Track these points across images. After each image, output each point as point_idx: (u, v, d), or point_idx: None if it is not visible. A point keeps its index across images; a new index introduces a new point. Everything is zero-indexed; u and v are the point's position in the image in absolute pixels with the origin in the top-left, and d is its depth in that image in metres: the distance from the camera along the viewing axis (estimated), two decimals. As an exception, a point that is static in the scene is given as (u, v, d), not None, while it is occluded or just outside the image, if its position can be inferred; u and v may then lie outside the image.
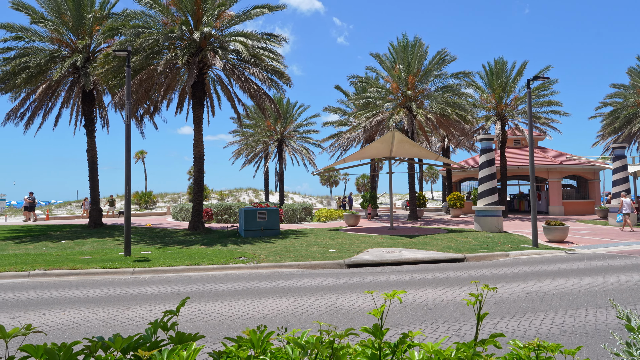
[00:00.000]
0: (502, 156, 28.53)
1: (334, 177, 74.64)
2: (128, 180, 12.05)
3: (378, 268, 10.48)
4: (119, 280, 9.02)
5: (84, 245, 14.57)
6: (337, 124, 33.04)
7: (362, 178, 69.25)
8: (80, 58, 19.09)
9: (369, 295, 7.35)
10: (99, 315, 6.20)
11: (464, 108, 24.70)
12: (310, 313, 6.24)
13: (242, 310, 6.44)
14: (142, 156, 55.62)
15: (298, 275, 9.46)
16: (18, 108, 20.66)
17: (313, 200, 54.85)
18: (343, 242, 14.77)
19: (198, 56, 17.19)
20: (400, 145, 18.54)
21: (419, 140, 30.39)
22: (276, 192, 49.93)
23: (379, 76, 27.40)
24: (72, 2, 19.62)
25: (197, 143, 18.21)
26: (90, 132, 21.06)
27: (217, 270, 10.12)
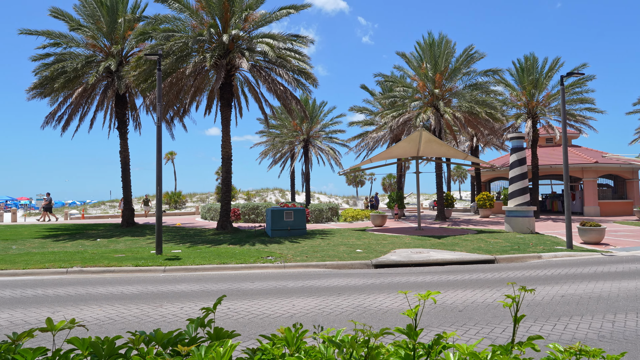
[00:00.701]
0: (533, 155, 27.74)
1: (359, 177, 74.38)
2: (159, 180, 12.37)
3: (406, 269, 10.38)
4: (151, 278, 9.28)
5: (117, 243, 15.05)
6: (363, 124, 32.92)
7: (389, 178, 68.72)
8: (113, 62, 19.73)
9: (397, 295, 7.29)
10: (133, 312, 6.39)
11: (493, 106, 24.16)
12: (338, 313, 6.24)
13: (270, 309, 6.50)
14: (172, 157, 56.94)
15: (325, 275, 9.48)
16: (56, 111, 21.52)
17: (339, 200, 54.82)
18: (370, 242, 14.70)
19: (226, 58, 17.46)
20: (428, 145, 18.30)
21: (446, 140, 29.91)
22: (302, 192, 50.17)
23: (406, 75, 27.12)
24: (106, 9, 20.30)
25: (224, 144, 18.50)
26: (123, 134, 21.73)
27: (246, 270, 10.26)
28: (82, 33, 20.31)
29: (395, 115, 25.96)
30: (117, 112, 21.72)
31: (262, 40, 17.24)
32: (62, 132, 22.09)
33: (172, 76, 17.46)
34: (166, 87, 17.42)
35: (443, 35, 24.96)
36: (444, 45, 24.62)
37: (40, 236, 17.59)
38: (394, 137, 29.76)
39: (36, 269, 9.88)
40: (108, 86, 21.61)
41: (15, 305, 6.85)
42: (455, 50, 24.85)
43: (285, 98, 18.80)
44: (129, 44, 20.94)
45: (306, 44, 18.47)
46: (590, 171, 29.53)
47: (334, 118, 35.92)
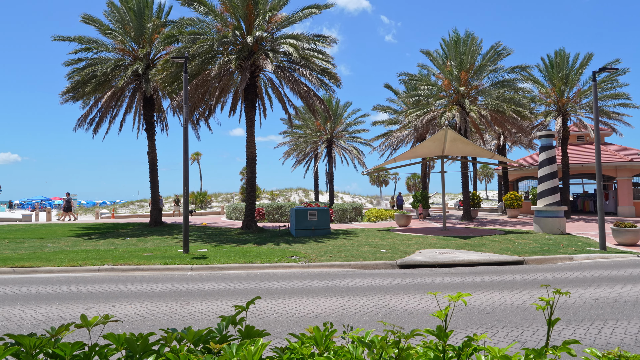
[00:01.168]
0: (563, 153, 26.92)
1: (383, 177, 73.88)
2: (186, 181, 12.61)
3: (431, 269, 10.25)
4: (178, 277, 9.47)
5: (146, 242, 15.42)
6: (386, 123, 32.68)
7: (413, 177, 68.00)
8: (141, 65, 20.24)
9: (422, 296, 7.21)
10: (162, 309, 6.54)
11: (521, 103, 23.58)
12: (363, 313, 6.22)
13: (295, 308, 6.54)
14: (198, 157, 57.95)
15: (349, 275, 9.46)
16: (87, 114, 22.23)
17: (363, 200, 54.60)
18: (394, 242, 14.58)
19: (250, 60, 17.65)
20: (453, 144, 18.02)
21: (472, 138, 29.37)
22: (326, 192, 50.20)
23: (430, 73, 26.78)
24: (134, 13, 20.84)
25: (249, 144, 18.70)
26: (150, 136, 22.26)
27: (270, 269, 10.35)
28: (112, 38, 20.93)
29: (420, 114, 25.66)
30: (145, 114, 22.26)
31: (286, 41, 17.34)
32: (94, 134, 22.81)
33: (198, 78, 17.77)
34: (192, 89, 17.74)
35: (469, 32, 24.53)
36: (469, 42, 24.18)
37: (73, 235, 18.20)
38: (419, 136, 29.43)
39: (70, 267, 10.23)
40: (136, 89, 22.18)
41: (51, 301, 7.11)
42: (481, 47, 24.39)
43: (309, 98, 18.85)
44: (156, 48, 21.43)
45: (329, 44, 18.48)
46: (624, 170, 28.44)
47: (357, 118, 35.81)
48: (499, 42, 24.04)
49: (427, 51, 25.76)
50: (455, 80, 24.67)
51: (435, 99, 25.42)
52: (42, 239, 16.75)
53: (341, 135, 35.78)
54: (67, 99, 20.98)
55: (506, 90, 24.32)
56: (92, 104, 22.17)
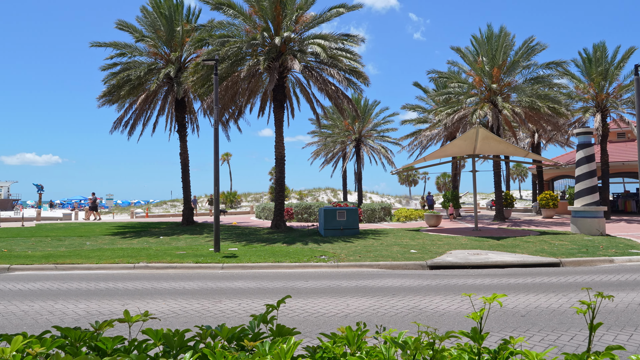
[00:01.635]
0: (602, 151, 25.82)
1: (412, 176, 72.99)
2: (217, 181, 12.85)
3: (462, 271, 10.05)
4: (210, 275, 9.66)
5: (178, 241, 15.82)
6: (416, 122, 32.28)
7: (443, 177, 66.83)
8: (173, 69, 20.76)
9: (454, 297, 7.08)
10: (194, 307, 6.69)
11: (556, 100, 22.77)
12: (393, 314, 6.17)
13: (324, 308, 6.55)
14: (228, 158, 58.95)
15: (379, 275, 9.40)
16: (122, 117, 23.00)
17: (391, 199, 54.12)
18: (424, 242, 14.39)
19: (278, 61, 17.80)
20: (485, 142, 17.60)
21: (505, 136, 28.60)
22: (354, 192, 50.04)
23: (461, 70, 26.25)
24: (165, 18, 21.41)
25: (278, 145, 18.87)
26: (182, 137, 22.81)
27: (299, 268, 10.41)
28: (145, 42, 21.58)
29: (450, 112, 25.20)
30: (177, 116, 22.83)
31: (314, 41, 17.40)
32: (129, 136, 23.58)
33: (228, 80, 18.07)
34: (222, 90, 18.05)
35: (501, 28, 23.89)
36: (502, 37, 23.56)
37: (110, 233, 18.87)
38: (449, 134, 28.92)
39: (107, 264, 10.62)
40: (168, 92, 22.77)
41: (90, 296, 7.40)
42: (514, 42, 23.71)
43: (337, 98, 18.85)
44: (187, 51, 21.95)
45: (357, 43, 18.41)
46: (669, 168, 26.99)
47: (386, 117, 35.54)
48: (532, 37, 23.33)
49: (457, 48, 25.27)
50: (486, 77, 24.09)
51: (466, 97, 24.91)
52: (81, 237, 17.45)
53: (369, 134, 35.59)
54: (103, 102, 21.77)
55: (541, 86, 23.55)
56: (126, 107, 22.93)
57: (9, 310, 6.49)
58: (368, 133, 35.52)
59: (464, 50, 25.18)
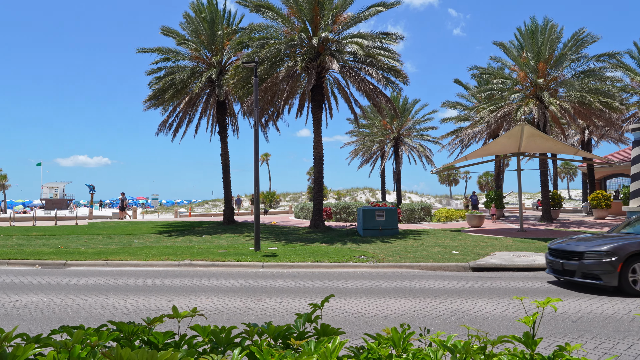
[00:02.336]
0: (661, 148, 24.14)
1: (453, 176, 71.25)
2: (257, 181, 13.07)
3: (507, 273, 9.71)
4: (250, 273, 9.84)
5: (220, 240, 16.22)
6: (456, 120, 31.51)
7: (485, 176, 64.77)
8: (214, 72, 21.32)
9: (498, 301, 6.85)
10: (236, 304, 6.84)
11: (609, 94, 21.53)
12: (435, 316, 6.04)
13: (364, 308, 6.52)
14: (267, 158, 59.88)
15: (419, 277, 9.25)
16: (167, 119, 23.85)
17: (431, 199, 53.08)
18: (466, 243, 14.01)
19: (316, 61, 17.88)
20: (531, 140, 16.93)
21: (552, 133, 27.37)
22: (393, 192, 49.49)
23: (504, 66, 25.36)
24: (207, 23, 22.01)
25: (316, 145, 18.96)
26: (223, 138, 23.37)
27: (338, 268, 10.41)
28: (187, 47, 22.27)
29: (493, 109, 24.41)
30: (218, 117, 23.42)
31: (351, 40, 17.35)
32: (172, 137, 24.42)
33: (267, 81, 18.34)
34: (261, 92, 18.35)
35: (547, 20, 22.88)
36: (548, 30, 22.55)
37: (156, 232, 19.63)
38: (491, 132, 28.02)
39: (154, 261, 11.05)
40: (210, 94, 23.39)
41: (138, 292, 7.73)
42: (562, 35, 22.63)
43: (375, 97, 18.70)
44: (227, 54, 22.47)
45: (396, 41, 18.20)
46: None
47: (425, 115, 34.89)
48: (582, 29, 22.17)
49: (500, 43, 24.43)
50: (532, 72, 23.14)
51: (509, 93, 24.03)
52: (129, 235, 18.26)
53: (408, 133, 35.08)
54: (149, 106, 22.67)
55: (591, 80, 22.35)
56: (170, 110, 23.75)
57: (65, 304, 6.88)
58: (407, 132, 35.01)
59: (507, 45, 24.30)
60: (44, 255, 11.79)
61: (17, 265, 11.01)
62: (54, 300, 7.14)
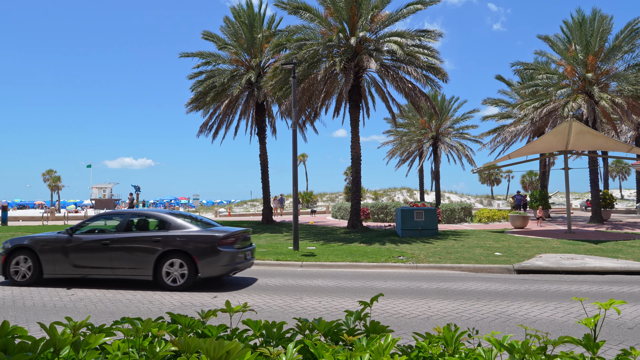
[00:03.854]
0: None
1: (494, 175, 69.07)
2: (295, 181, 13.21)
3: (555, 276, 9.31)
4: (290, 272, 9.96)
5: (259, 239, 16.49)
6: (498, 117, 30.52)
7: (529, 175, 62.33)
8: (253, 74, 21.71)
9: (545, 304, 6.59)
10: (277, 302, 6.94)
11: (667, 87, 20.19)
12: (479, 318, 5.89)
13: (405, 309, 6.45)
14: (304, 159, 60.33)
15: (461, 278, 9.04)
16: (207, 122, 24.53)
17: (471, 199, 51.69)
18: (510, 245, 13.55)
19: (354, 61, 17.84)
20: (580, 137, 16.16)
21: (603, 130, 26.00)
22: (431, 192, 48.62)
23: (549, 60, 24.35)
24: (246, 27, 22.45)
25: (354, 145, 18.91)
26: (262, 139, 23.76)
27: (377, 268, 10.34)
28: (227, 50, 22.82)
29: (538, 105, 23.46)
30: (257, 119, 23.82)
31: (390, 39, 17.19)
32: (213, 139, 25.08)
33: (304, 82, 18.48)
34: (299, 93, 18.51)
35: (596, 11, 21.75)
36: (597, 22, 21.44)
37: (198, 231, 20.20)
38: (536, 130, 26.95)
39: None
40: (249, 96, 23.85)
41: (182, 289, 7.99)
42: (612, 25, 21.44)
43: (414, 96, 18.44)
44: (266, 56, 22.83)
45: (435, 38, 17.87)
46: None
47: (465, 113, 34.02)
48: (637, 19, 20.91)
49: (545, 36, 23.46)
50: (580, 66, 22.07)
51: (555, 89, 23.03)
52: (173, 234, 18.88)
53: (447, 132, 34.33)
54: (191, 108, 23.39)
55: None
56: (211, 112, 24.41)
57: (116, 298, 7.23)
58: (446, 131, 34.27)
59: (553, 39, 23.30)
60: (96, 252, 12.41)
61: (72, 261, 11.66)
62: (106, 294, 7.52)
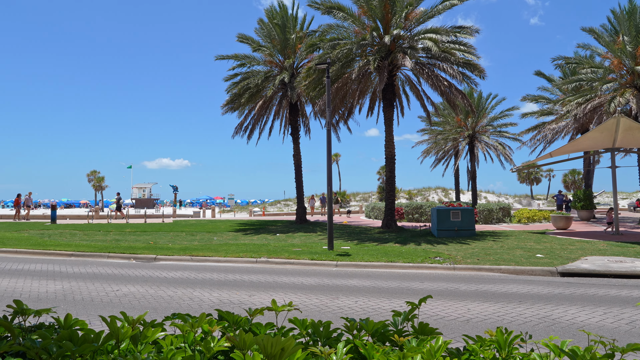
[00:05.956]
0: None
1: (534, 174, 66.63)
2: (330, 181, 13.22)
3: (602, 280, 8.88)
4: (325, 272, 9.98)
5: (293, 238, 16.63)
6: (538, 114, 29.42)
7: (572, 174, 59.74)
8: (287, 75, 21.90)
9: (593, 309, 6.30)
10: (313, 302, 6.97)
11: None
12: (521, 322, 5.70)
13: (443, 311, 6.33)
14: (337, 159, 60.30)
15: (500, 280, 8.78)
16: (242, 122, 24.95)
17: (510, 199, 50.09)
18: (552, 246, 13.04)
19: (388, 59, 17.66)
20: (629, 134, 15.35)
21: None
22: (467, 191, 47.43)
23: (594, 53, 23.28)
24: (279, 28, 22.67)
25: (388, 144, 18.74)
26: (295, 139, 23.93)
27: (413, 269, 10.20)
28: (261, 52, 23.13)
29: (581, 101, 22.48)
30: (290, 119, 24.02)
31: (425, 36, 16.92)
32: (248, 140, 25.49)
33: (338, 82, 18.47)
34: (332, 92, 18.52)
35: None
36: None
37: (233, 230, 20.61)
38: (579, 126, 25.80)
39: (233, 258, 11.61)
40: (282, 97, 24.08)
41: (221, 286, 8.17)
42: (664, 15, 20.24)
43: (450, 93, 18.07)
44: (299, 57, 22.97)
45: (471, 34, 17.43)
46: None
47: (503, 111, 32.99)
48: (691, 7, 19.65)
49: (590, 28, 22.43)
50: (629, 58, 20.96)
51: (601, 83, 21.98)
52: (210, 232, 19.35)
53: (484, 130, 33.41)
54: (226, 110, 23.86)
55: (703, 64, 19.74)
56: (246, 113, 24.82)
57: (158, 295, 7.47)
58: (483, 129, 33.35)
59: (598, 30, 22.26)
60: (138, 250, 12.89)
61: (116, 258, 12.16)
62: (148, 291, 7.78)
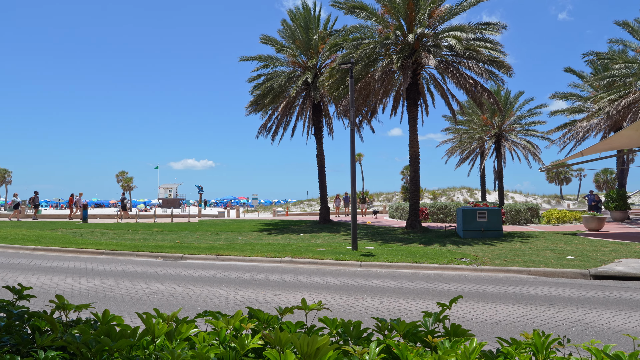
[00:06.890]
0: None
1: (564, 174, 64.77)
2: (353, 181, 13.19)
3: (638, 283, 8.55)
4: (349, 272, 9.96)
5: (317, 238, 16.66)
6: (568, 112, 28.58)
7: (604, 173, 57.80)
8: (310, 75, 21.97)
9: (630, 313, 6.07)
10: (338, 301, 6.96)
11: None
12: (553, 326, 5.54)
13: (471, 313, 6.22)
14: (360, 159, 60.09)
15: (530, 283, 8.56)
16: (266, 123, 25.16)
17: (538, 199, 48.81)
18: (584, 248, 12.64)
19: (412, 58, 17.48)
20: (665, 131, 14.71)
21: (692, 123, 23.47)
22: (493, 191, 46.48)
23: (627, 48, 22.48)
24: (302, 28, 22.76)
25: (412, 143, 18.55)
26: (318, 139, 23.97)
27: (438, 270, 10.07)
28: (284, 53, 23.26)
29: (614, 98, 21.71)
30: (314, 119, 24.07)
31: (449, 34, 16.67)
32: (272, 140, 25.69)
33: (362, 82, 18.40)
34: (356, 92, 18.45)
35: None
36: (686, 3, 19.43)
37: (257, 229, 20.80)
38: (612, 124, 24.90)
39: (258, 257, 11.72)
40: (306, 97, 24.15)
41: (246, 285, 8.26)
42: None
43: (475, 92, 17.75)
44: (322, 57, 23.00)
45: (498, 31, 17.07)
46: None
47: (531, 109, 32.15)
48: None
49: (623, 22, 21.65)
50: (664, 53, 20.12)
51: (635, 79, 21.17)
52: (234, 232, 19.59)
53: (511, 128, 32.64)
54: (250, 111, 24.11)
55: None
56: (269, 114, 25.01)
57: (185, 293, 7.61)
58: (510, 127, 32.60)
59: (633, 24, 21.45)
60: (165, 249, 13.16)
61: (144, 257, 12.45)
62: (176, 289, 7.94)
